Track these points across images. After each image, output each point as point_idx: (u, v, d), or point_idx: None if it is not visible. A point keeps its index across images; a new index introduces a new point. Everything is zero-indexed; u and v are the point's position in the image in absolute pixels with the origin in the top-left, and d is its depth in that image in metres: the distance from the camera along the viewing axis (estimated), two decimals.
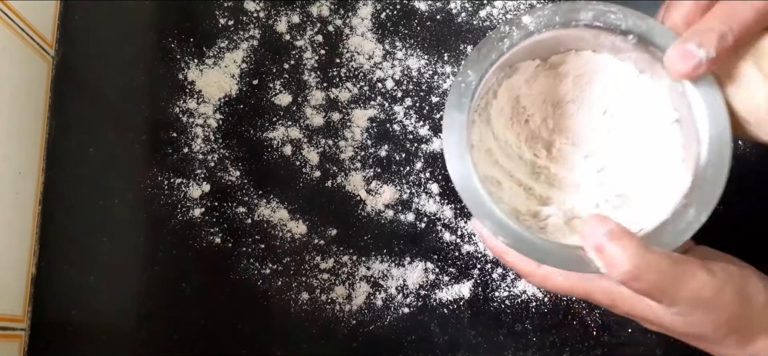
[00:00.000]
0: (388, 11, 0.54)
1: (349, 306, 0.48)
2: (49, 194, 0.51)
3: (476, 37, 0.54)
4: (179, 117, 0.52)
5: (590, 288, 0.36)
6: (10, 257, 0.48)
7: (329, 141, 0.52)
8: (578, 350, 0.47)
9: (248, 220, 0.50)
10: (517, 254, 0.37)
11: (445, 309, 0.48)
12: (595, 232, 0.32)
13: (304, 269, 0.49)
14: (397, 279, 0.49)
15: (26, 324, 0.49)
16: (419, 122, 0.52)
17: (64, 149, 0.52)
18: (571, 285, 0.37)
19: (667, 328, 0.35)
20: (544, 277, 0.37)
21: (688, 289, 0.32)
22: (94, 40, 0.55)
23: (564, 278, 0.37)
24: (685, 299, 0.32)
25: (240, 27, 0.54)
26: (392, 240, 0.49)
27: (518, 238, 0.36)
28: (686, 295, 0.32)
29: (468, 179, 0.37)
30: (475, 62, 0.38)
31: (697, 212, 0.35)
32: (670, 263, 0.32)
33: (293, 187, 0.51)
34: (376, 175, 0.51)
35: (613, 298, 0.36)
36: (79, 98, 0.53)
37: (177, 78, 0.53)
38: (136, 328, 0.48)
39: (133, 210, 0.50)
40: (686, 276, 0.32)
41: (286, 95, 0.53)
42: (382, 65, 0.53)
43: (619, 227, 0.33)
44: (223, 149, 0.52)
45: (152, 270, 0.49)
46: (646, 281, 0.32)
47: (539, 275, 0.37)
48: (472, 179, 0.37)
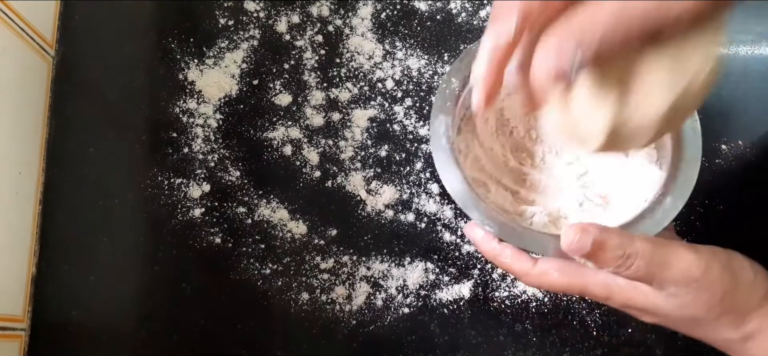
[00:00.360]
0: (388, 11, 0.54)
1: (349, 306, 0.48)
2: (49, 194, 0.51)
3: (476, 37, 0.54)
4: (179, 117, 0.52)
5: (586, 282, 0.36)
6: (10, 257, 0.48)
7: (329, 141, 0.52)
8: (578, 350, 0.47)
9: (248, 220, 0.50)
10: (512, 255, 0.38)
11: (445, 309, 0.48)
12: (581, 245, 0.34)
13: (304, 269, 0.49)
14: (397, 279, 0.49)
15: (26, 324, 0.49)
16: (419, 122, 0.52)
17: (64, 149, 0.52)
18: (567, 281, 0.37)
19: (664, 314, 0.36)
20: (540, 275, 0.37)
21: (676, 268, 0.34)
22: (94, 40, 0.55)
23: (560, 274, 0.37)
24: (674, 278, 0.34)
25: (240, 27, 0.54)
26: (392, 240, 0.49)
27: (503, 226, 0.37)
28: (675, 274, 0.34)
29: (454, 174, 0.39)
30: (457, 71, 0.41)
31: (674, 201, 0.37)
32: (654, 246, 0.34)
33: (293, 187, 0.51)
34: (376, 175, 0.51)
35: (609, 289, 0.36)
36: (79, 98, 0.53)
37: (177, 78, 0.53)
38: (136, 328, 0.48)
39: (133, 210, 0.50)
40: (672, 256, 0.34)
41: (286, 95, 0.53)
42: (382, 65, 0.53)
43: (600, 228, 0.34)
44: (223, 149, 0.52)
45: (152, 269, 0.49)
46: (636, 267, 0.33)
47: (534, 274, 0.38)
48: (458, 175, 0.39)
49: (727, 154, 0.51)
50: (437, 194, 0.50)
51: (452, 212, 0.50)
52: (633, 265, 0.33)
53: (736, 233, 0.49)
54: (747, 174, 0.50)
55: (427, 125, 0.52)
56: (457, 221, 0.50)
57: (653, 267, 0.34)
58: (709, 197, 0.49)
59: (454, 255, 0.49)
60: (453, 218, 0.50)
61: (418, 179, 0.51)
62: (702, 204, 0.49)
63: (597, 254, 0.34)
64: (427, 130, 0.52)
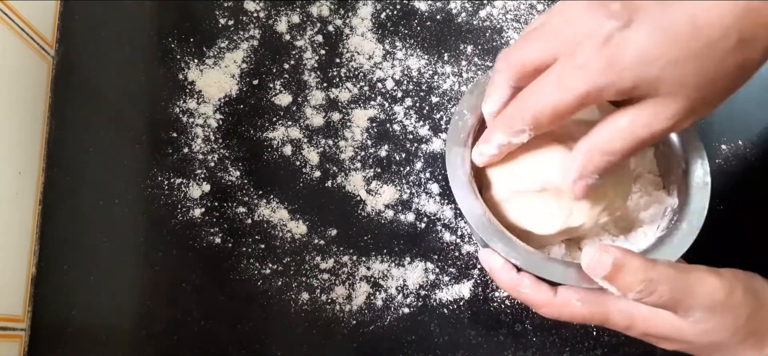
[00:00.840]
0: (388, 11, 0.54)
1: (349, 306, 0.48)
2: (49, 194, 0.51)
3: (476, 37, 0.54)
4: (179, 117, 0.52)
5: (608, 310, 0.36)
6: (10, 258, 0.48)
7: (329, 141, 0.52)
8: (578, 350, 0.47)
9: (248, 220, 0.50)
10: (531, 285, 0.37)
11: (445, 309, 0.48)
12: (601, 263, 0.33)
13: (304, 269, 0.49)
14: (397, 279, 0.49)
15: (26, 324, 0.49)
16: (419, 122, 0.52)
17: (64, 149, 0.52)
18: (589, 311, 0.36)
19: (688, 341, 0.35)
20: (562, 305, 0.37)
21: (701, 294, 0.33)
22: (94, 40, 0.55)
23: (582, 303, 0.36)
24: (700, 305, 0.33)
25: (240, 27, 0.54)
26: (392, 240, 0.49)
27: (527, 257, 0.37)
28: (700, 301, 0.33)
29: (475, 206, 0.38)
30: (469, 102, 0.41)
31: (689, 226, 0.37)
32: (677, 272, 0.33)
33: (293, 187, 0.51)
34: (376, 175, 0.51)
35: (631, 318, 0.36)
36: (79, 98, 0.53)
37: (177, 78, 0.53)
38: (136, 328, 0.48)
39: (133, 210, 0.50)
40: (696, 281, 0.33)
41: (286, 95, 0.53)
42: (382, 65, 0.53)
43: (621, 250, 0.34)
44: (223, 149, 0.52)
45: (152, 269, 0.49)
46: (659, 293, 0.33)
47: (556, 304, 0.37)
48: (479, 207, 0.38)
49: (727, 154, 0.51)
50: (437, 194, 0.50)
51: (452, 212, 0.50)
52: (656, 291, 0.33)
53: (736, 233, 0.49)
54: (747, 174, 0.50)
55: (427, 125, 0.52)
56: (457, 221, 0.50)
57: (677, 293, 0.33)
58: None
59: (454, 255, 0.49)
60: (453, 218, 0.50)
61: (418, 179, 0.51)
62: None
63: (618, 277, 0.33)
64: (427, 130, 0.52)
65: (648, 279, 0.33)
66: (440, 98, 0.52)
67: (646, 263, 0.33)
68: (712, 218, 0.41)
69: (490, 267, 0.39)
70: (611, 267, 0.33)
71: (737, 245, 0.48)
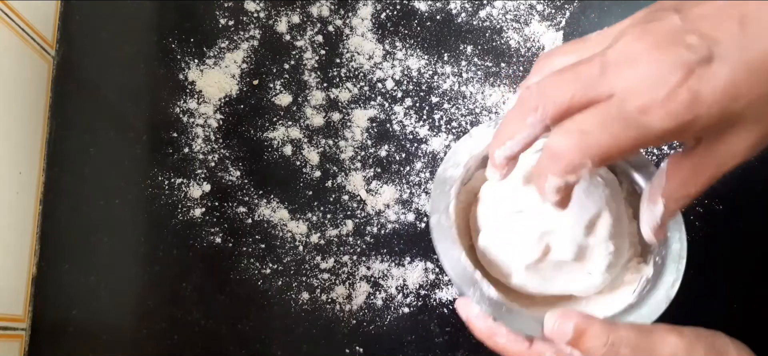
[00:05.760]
0: (388, 11, 0.54)
1: (349, 306, 0.48)
2: (49, 194, 0.51)
3: (476, 37, 0.54)
4: (180, 117, 0.52)
5: None
6: (10, 257, 0.48)
7: (329, 141, 0.52)
8: None
9: (248, 220, 0.50)
10: (506, 335, 0.37)
11: (445, 308, 0.48)
12: (562, 331, 0.34)
13: (305, 268, 0.49)
14: (397, 278, 0.49)
15: (26, 324, 0.49)
16: (419, 122, 0.52)
17: (64, 149, 0.52)
18: None
19: None
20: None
21: (663, 354, 0.34)
22: (94, 40, 0.55)
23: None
24: None
25: (240, 27, 0.54)
26: (392, 240, 0.49)
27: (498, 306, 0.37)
28: None
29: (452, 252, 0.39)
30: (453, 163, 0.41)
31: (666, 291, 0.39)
32: (638, 333, 0.34)
33: (293, 187, 0.51)
34: (376, 175, 0.51)
35: None
36: (79, 98, 0.53)
37: (177, 78, 0.53)
38: (136, 328, 0.48)
39: (133, 210, 0.50)
40: (657, 341, 0.34)
41: (287, 95, 0.53)
42: (382, 65, 0.53)
43: (582, 315, 0.35)
44: (224, 149, 0.52)
45: (152, 269, 0.49)
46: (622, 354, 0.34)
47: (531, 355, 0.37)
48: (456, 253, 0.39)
49: None
50: None
51: None
52: (618, 354, 0.34)
53: (735, 233, 0.49)
54: (747, 174, 0.50)
55: (427, 125, 0.52)
56: None
57: (640, 354, 0.34)
58: (709, 197, 0.49)
59: None
60: None
61: (418, 179, 0.51)
62: (702, 204, 0.49)
63: (580, 342, 0.34)
64: (427, 130, 0.52)
65: (610, 342, 0.33)
66: (440, 98, 0.52)
67: (607, 326, 0.34)
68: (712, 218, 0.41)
69: (466, 315, 0.38)
70: (573, 333, 0.34)
71: (736, 246, 0.48)
